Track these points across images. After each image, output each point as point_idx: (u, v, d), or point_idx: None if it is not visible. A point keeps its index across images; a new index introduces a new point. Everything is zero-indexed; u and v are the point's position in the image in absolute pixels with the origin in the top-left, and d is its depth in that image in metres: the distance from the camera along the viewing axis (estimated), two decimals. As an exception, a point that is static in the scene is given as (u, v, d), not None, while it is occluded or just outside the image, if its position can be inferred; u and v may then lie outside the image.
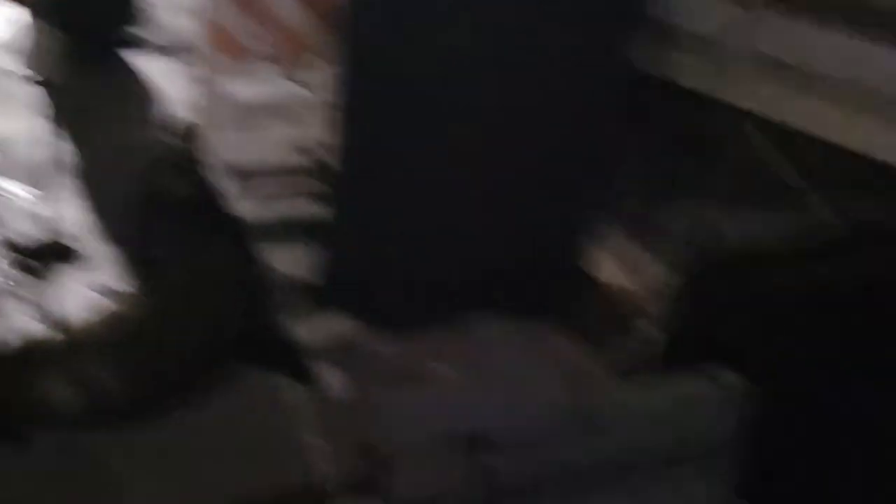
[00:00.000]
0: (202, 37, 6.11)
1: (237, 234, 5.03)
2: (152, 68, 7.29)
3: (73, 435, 4.51)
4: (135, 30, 7.67)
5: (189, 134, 5.27)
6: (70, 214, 5.84)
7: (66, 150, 6.37)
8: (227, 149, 5.90)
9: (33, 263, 5.37)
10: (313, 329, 5.05)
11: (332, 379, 4.86)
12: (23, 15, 7.22)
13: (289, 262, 5.39)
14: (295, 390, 4.82)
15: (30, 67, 5.95)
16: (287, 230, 5.62)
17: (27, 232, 5.67)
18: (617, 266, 5.43)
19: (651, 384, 4.84)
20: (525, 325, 5.16)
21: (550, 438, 4.24)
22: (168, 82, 7.08)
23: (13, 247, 5.55)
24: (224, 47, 5.71)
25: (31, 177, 6.01)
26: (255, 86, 6.27)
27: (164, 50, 7.51)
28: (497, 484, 4.22)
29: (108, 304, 4.98)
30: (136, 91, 7.01)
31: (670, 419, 4.43)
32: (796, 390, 4.81)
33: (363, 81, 4.74)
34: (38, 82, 6.28)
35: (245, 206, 5.65)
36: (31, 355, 4.61)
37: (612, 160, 5.21)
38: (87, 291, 5.16)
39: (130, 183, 5.33)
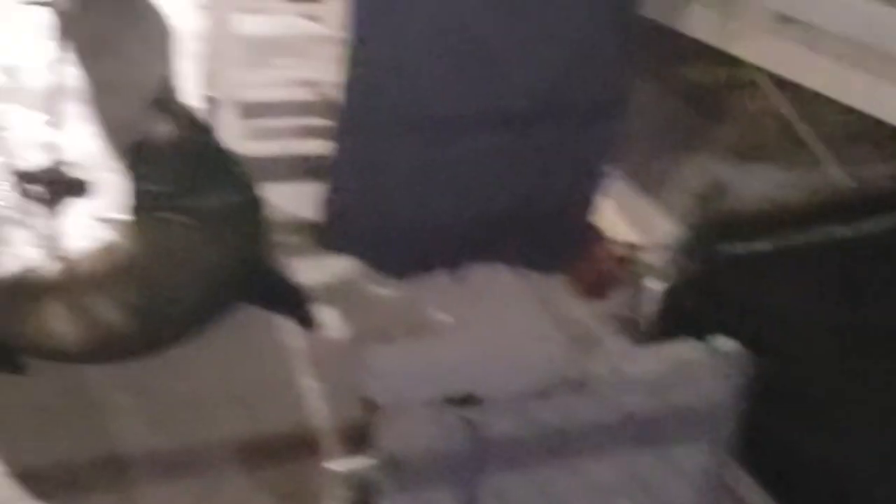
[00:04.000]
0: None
1: (239, 172, 5.27)
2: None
3: (71, 367, 4.91)
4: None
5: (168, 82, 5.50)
6: (76, 143, 6.27)
7: (76, 77, 6.76)
8: (233, 84, 6.29)
9: (37, 191, 5.84)
10: (315, 270, 5.42)
11: (331, 322, 5.21)
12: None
13: (292, 200, 5.79)
14: (294, 332, 5.15)
15: None
16: (291, 168, 6.02)
17: (33, 159, 6.12)
18: (622, 219, 5.69)
19: (649, 345, 4.95)
20: (527, 275, 5.49)
21: (544, 397, 4.29)
22: (179, 13, 7.42)
23: (18, 174, 6.00)
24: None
25: (39, 103, 6.45)
26: (265, 21, 6.79)
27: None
28: (486, 441, 4.33)
29: (110, 236, 5.30)
30: (147, 22, 7.38)
31: (666, 384, 4.45)
32: (798, 356, 4.87)
33: (375, 18, 5.13)
34: (49, 8, 6.64)
35: (249, 142, 6.04)
36: (32, 284, 5.01)
37: (618, 109, 5.48)
38: (90, 221, 5.63)
39: (136, 116, 5.51)
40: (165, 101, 5.24)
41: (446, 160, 5.46)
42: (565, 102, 5.46)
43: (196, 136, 5.27)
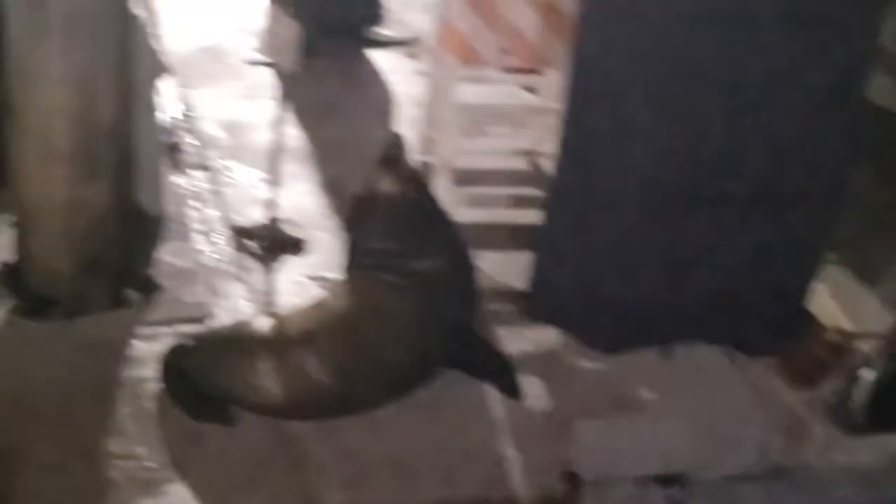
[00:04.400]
0: (435, 37, 6.63)
1: (455, 236, 5.32)
2: (386, 65, 8.01)
3: (278, 421, 4.99)
4: (375, 27, 8.31)
5: (399, 140, 5.43)
6: (293, 201, 6.40)
7: (295, 137, 6.98)
8: (449, 151, 6.39)
9: (253, 247, 6.02)
10: (521, 340, 5.47)
11: (535, 393, 5.21)
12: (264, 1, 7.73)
13: (501, 268, 5.88)
14: (498, 401, 5.17)
15: (266, 54, 6.36)
16: (502, 236, 6.10)
17: (250, 215, 6.29)
18: (836, 306, 5.58)
19: (860, 435, 4.86)
20: (737, 358, 5.42)
21: (751, 482, 4.27)
22: (399, 80, 7.79)
23: (235, 229, 6.18)
24: (455, 49, 6.24)
25: (258, 161, 6.60)
26: (483, 90, 6.83)
27: (398, 47, 8.21)
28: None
29: (321, 295, 5.40)
30: (369, 86, 7.72)
31: (874, 477, 4.43)
32: None
33: (591, 92, 5.16)
34: (272, 68, 6.66)
35: (462, 209, 6.08)
36: (244, 339, 5.09)
37: (838, 195, 5.36)
38: (303, 279, 5.78)
39: (354, 177, 5.70)
40: (393, 160, 5.33)
41: (659, 237, 5.44)
42: (784, 186, 5.40)
43: (418, 197, 5.37)
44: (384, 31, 8.44)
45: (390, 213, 5.30)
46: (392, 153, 5.36)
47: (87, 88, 5.22)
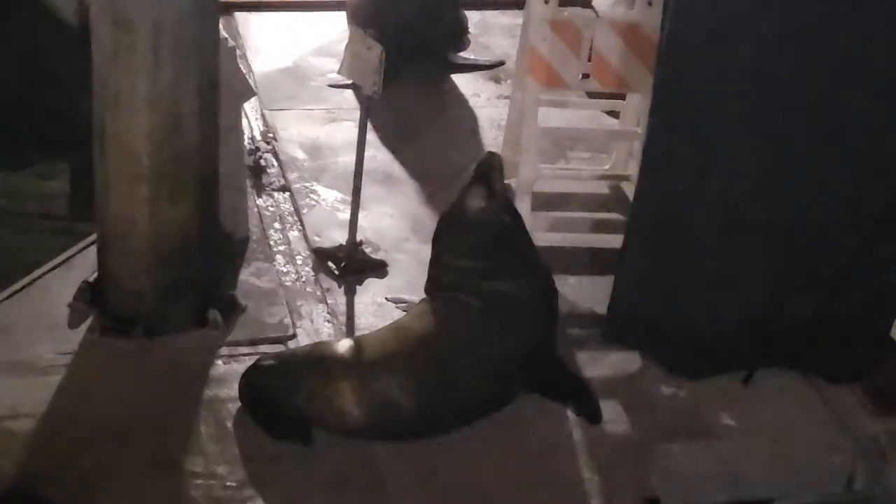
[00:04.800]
0: (518, 61, 6.70)
1: (537, 260, 5.33)
2: (468, 88, 8.05)
3: (356, 442, 5.02)
4: (458, 51, 8.33)
5: (495, 159, 5.44)
6: (375, 223, 6.48)
7: (378, 160, 7.04)
8: (530, 174, 6.40)
9: (334, 268, 6.06)
10: (600, 364, 5.50)
11: (613, 416, 5.21)
12: (346, 25, 8.12)
13: (580, 292, 5.92)
14: (576, 424, 5.19)
15: (348, 77, 6.29)
16: (581, 260, 6.16)
17: (331, 237, 6.33)
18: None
19: None
20: (819, 385, 5.40)
21: None
22: (481, 103, 7.84)
23: (316, 250, 6.23)
24: (538, 73, 6.27)
25: (341, 183, 6.69)
26: (565, 114, 7.03)
27: (481, 71, 8.25)
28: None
29: (402, 317, 5.43)
30: (450, 110, 7.75)
31: None
32: None
33: (672, 116, 5.17)
34: (355, 92, 6.81)
35: (541, 232, 6.12)
36: (323, 359, 5.11)
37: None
38: (383, 301, 5.81)
39: (435, 199, 5.88)
40: (486, 178, 5.34)
41: (740, 262, 5.42)
42: (868, 211, 5.35)
43: (506, 218, 5.36)
44: (467, 55, 8.46)
45: (476, 232, 5.31)
46: (485, 171, 5.37)
47: (172, 110, 5.28)
